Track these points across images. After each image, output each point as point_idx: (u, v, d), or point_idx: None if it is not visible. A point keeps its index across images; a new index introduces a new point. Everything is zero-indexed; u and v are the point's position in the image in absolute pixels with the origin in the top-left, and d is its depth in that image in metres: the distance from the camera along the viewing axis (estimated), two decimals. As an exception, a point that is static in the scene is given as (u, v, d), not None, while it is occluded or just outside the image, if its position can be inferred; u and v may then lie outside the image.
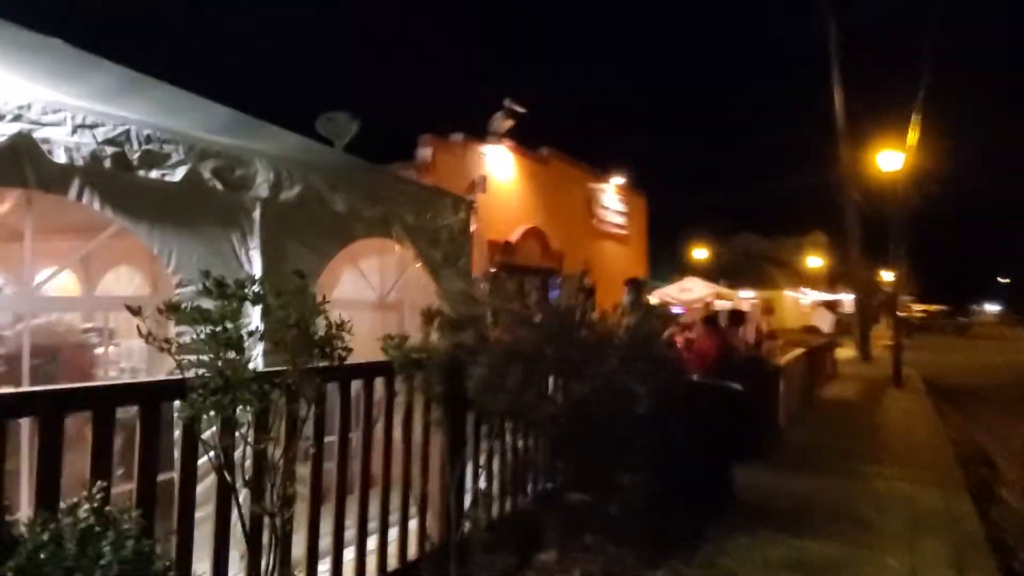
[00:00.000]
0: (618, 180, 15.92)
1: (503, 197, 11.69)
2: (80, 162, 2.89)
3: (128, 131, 3.06)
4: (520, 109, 11.32)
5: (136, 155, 3.09)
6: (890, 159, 14.34)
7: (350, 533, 3.17)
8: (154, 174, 3.17)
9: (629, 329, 4.84)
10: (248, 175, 3.63)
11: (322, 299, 2.70)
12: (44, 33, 3.40)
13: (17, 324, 5.12)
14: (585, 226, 14.71)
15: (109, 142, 2.99)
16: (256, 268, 3.65)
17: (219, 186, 3.46)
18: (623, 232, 16.32)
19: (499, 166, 11.51)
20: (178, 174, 3.26)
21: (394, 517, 3.54)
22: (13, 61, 3.19)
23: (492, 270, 5.53)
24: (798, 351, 11.04)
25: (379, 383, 3.49)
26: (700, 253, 32.63)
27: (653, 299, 18.91)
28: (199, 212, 3.41)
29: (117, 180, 3.04)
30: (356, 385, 3.40)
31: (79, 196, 2.93)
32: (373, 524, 3.32)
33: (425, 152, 9.95)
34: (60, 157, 2.82)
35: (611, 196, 15.81)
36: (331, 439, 3.28)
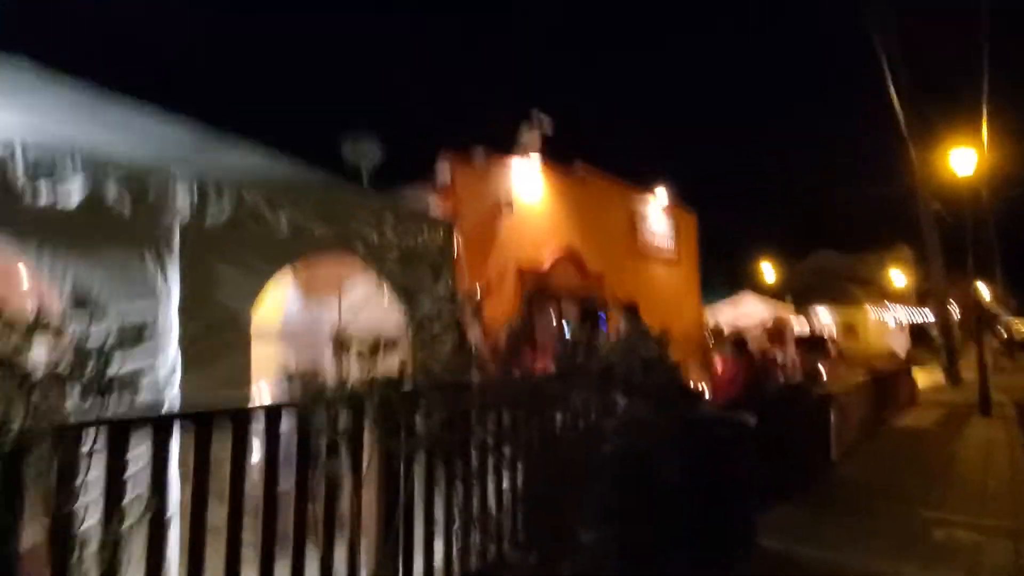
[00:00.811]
0: (663, 197, 15.23)
1: (533, 219, 11.29)
2: (-50, 183, 2.71)
3: (13, 150, 2.87)
4: (548, 121, 10.92)
5: (21, 175, 2.90)
6: (963, 159, 13.05)
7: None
8: (44, 195, 2.97)
9: (608, 357, 4.32)
10: (166, 194, 3.39)
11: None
12: None
13: None
14: (628, 247, 14.07)
15: (-14, 160, 2.80)
16: (173, 293, 3.39)
17: (126, 208, 3.23)
18: (671, 252, 15.56)
19: (528, 184, 11.11)
20: (75, 196, 3.05)
21: None
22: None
23: (477, 291, 5.11)
24: (862, 377, 10.00)
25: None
26: (767, 272, 31.04)
27: (712, 320, 17.95)
28: (103, 234, 3.18)
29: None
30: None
31: (-51, 218, 2.75)
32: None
33: (444, 170, 9.68)
34: (-77, 177, 2.64)
35: (657, 214, 15.12)
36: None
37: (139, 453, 2.51)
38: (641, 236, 14.64)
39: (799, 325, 17.90)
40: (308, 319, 5.12)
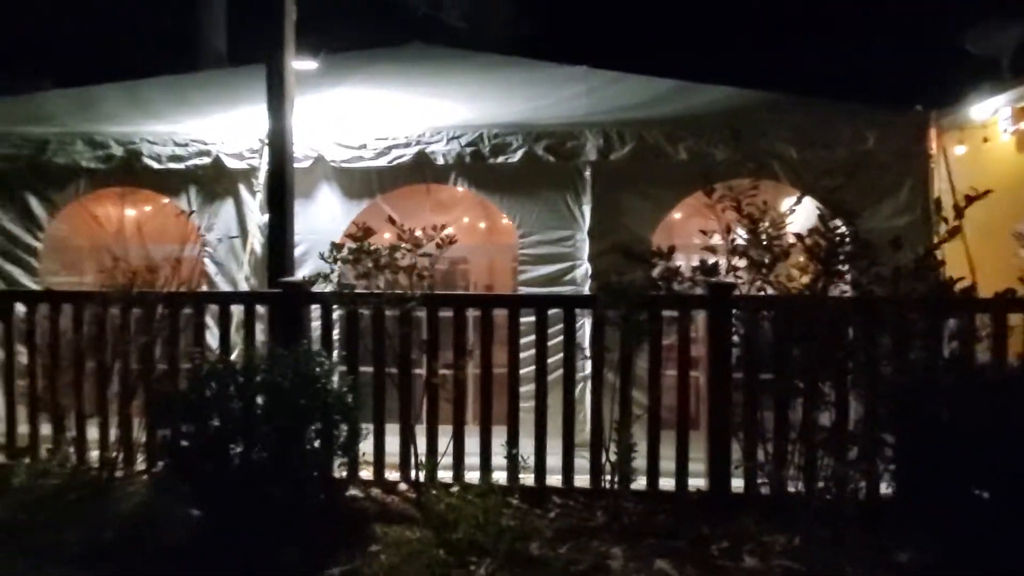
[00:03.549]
0: None
1: None
2: (452, 161, 4.56)
3: (481, 134, 4.54)
4: None
5: (487, 149, 4.53)
6: None
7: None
8: (500, 159, 4.53)
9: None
10: (578, 145, 4.50)
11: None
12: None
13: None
14: None
15: (468, 144, 4.54)
16: (587, 220, 4.49)
17: (551, 159, 4.50)
18: None
19: None
20: (517, 156, 4.51)
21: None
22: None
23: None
24: None
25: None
26: None
27: None
28: (537, 181, 4.56)
29: (476, 168, 4.57)
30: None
31: (455, 183, 4.63)
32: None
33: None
34: (440, 160, 4.57)
35: None
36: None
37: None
38: None
39: None
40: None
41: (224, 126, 4.82)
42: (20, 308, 4.02)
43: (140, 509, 3.30)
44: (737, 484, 3.53)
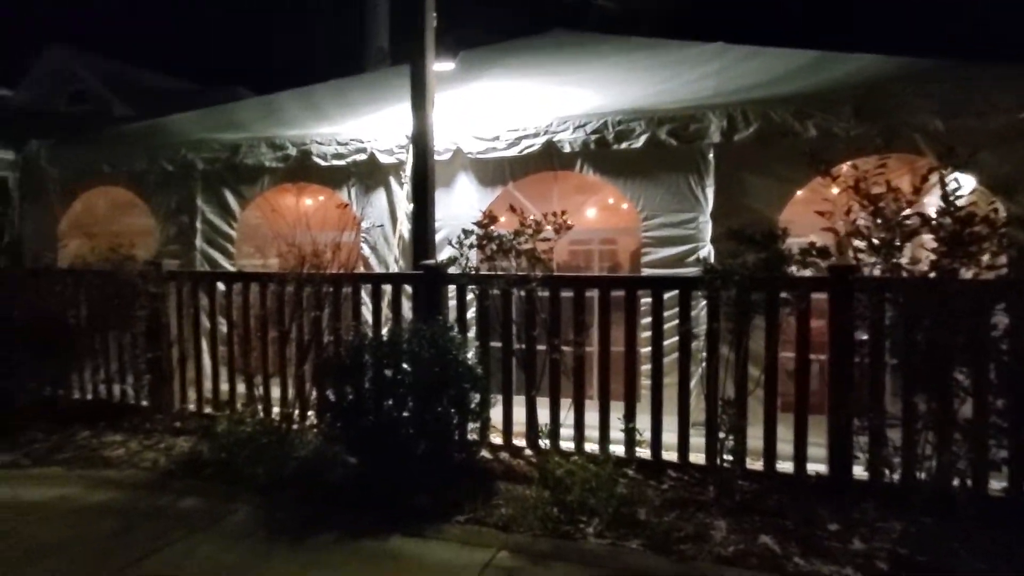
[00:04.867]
0: None
1: None
2: (578, 148, 4.79)
3: (605, 121, 4.71)
4: None
5: (611, 136, 4.71)
6: None
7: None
8: (623, 145, 4.68)
9: None
10: (702, 128, 4.52)
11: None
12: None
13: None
14: None
15: (594, 132, 4.74)
16: (710, 202, 4.53)
17: (674, 142, 4.57)
18: None
19: None
20: (640, 141, 4.64)
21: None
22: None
23: None
24: None
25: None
26: None
27: None
28: (659, 165, 4.65)
29: (600, 154, 4.76)
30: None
31: (580, 169, 4.85)
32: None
33: None
34: (567, 148, 4.81)
35: None
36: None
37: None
38: None
39: None
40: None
41: (377, 124, 5.42)
42: (220, 287, 4.90)
43: (310, 454, 3.96)
44: (861, 471, 3.49)
